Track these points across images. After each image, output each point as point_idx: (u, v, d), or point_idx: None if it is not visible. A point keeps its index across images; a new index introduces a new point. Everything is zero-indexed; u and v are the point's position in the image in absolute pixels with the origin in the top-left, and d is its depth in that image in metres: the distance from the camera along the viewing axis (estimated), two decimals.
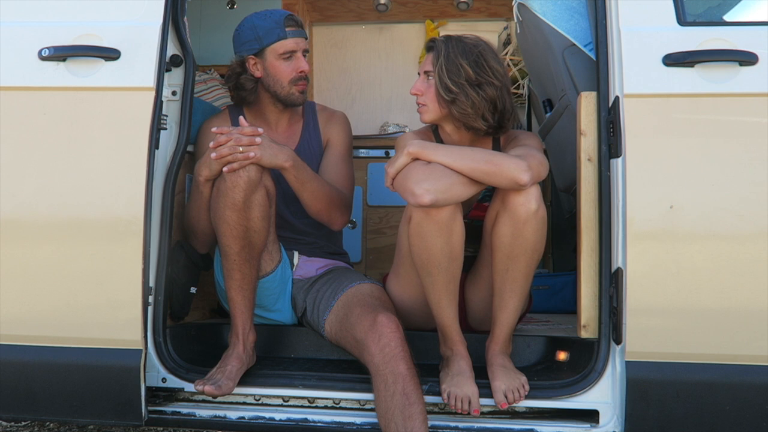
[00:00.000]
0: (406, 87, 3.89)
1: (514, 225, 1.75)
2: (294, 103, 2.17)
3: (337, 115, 2.32)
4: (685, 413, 1.70)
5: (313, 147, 2.25)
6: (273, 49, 2.11)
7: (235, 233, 1.85)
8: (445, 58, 1.89)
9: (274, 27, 2.10)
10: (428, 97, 1.93)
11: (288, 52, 2.11)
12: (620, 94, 1.75)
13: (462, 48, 1.90)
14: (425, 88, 1.94)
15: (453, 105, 1.89)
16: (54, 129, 1.86)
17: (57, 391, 1.84)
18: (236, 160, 1.84)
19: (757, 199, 1.68)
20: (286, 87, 2.14)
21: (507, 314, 1.85)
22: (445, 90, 1.88)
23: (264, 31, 2.10)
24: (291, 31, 2.11)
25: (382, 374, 1.73)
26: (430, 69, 1.92)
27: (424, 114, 1.96)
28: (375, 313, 1.83)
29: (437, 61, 1.90)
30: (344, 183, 2.23)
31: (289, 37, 2.10)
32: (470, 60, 1.88)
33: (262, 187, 1.88)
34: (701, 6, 1.95)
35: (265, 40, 2.10)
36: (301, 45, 2.13)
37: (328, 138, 2.28)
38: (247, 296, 1.93)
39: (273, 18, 2.11)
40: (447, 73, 1.88)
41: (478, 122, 1.90)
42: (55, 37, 1.89)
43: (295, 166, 1.97)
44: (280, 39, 2.10)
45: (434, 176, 1.71)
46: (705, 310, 1.69)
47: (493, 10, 3.78)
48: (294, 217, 2.20)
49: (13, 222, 1.85)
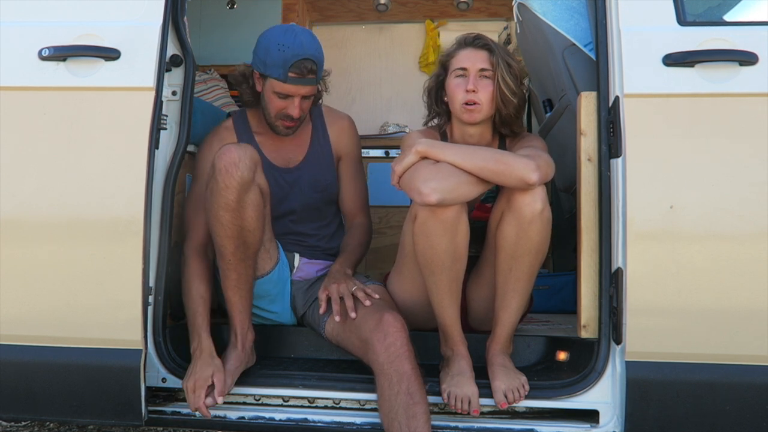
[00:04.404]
0: (406, 87, 3.93)
1: (519, 225, 1.75)
2: (278, 133, 2.13)
3: (345, 122, 2.28)
4: (685, 413, 1.70)
5: (324, 153, 2.22)
6: (272, 83, 2.03)
7: (229, 233, 1.84)
8: (503, 59, 1.90)
9: (279, 65, 1.99)
10: (485, 95, 1.91)
11: (284, 94, 2.04)
12: (620, 94, 1.75)
13: (505, 49, 1.94)
14: (481, 86, 1.92)
15: (512, 106, 1.90)
16: (54, 129, 1.86)
17: (57, 391, 1.84)
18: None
19: (757, 199, 1.68)
20: (272, 118, 2.10)
21: (509, 314, 1.85)
22: (510, 91, 1.89)
23: (272, 61, 2.00)
24: (293, 78, 2.00)
25: (386, 373, 1.73)
26: (487, 67, 1.91)
27: (477, 113, 1.93)
28: (381, 312, 1.83)
29: (498, 61, 1.89)
30: (363, 190, 2.29)
31: (289, 83, 2.00)
32: (515, 62, 1.92)
33: (256, 186, 1.86)
34: (701, 6, 1.95)
35: (268, 70, 2.02)
36: (301, 91, 2.03)
37: (340, 149, 2.24)
38: (244, 296, 1.92)
39: (284, 55, 1.98)
40: (510, 75, 1.89)
41: (519, 123, 1.93)
42: (55, 37, 1.89)
43: (349, 267, 2.08)
44: (279, 80, 2.01)
45: (441, 175, 1.71)
46: (705, 310, 1.69)
47: (493, 10, 3.79)
48: (296, 224, 2.19)
49: (13, 222, 1.85)
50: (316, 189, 2.18)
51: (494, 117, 1.97)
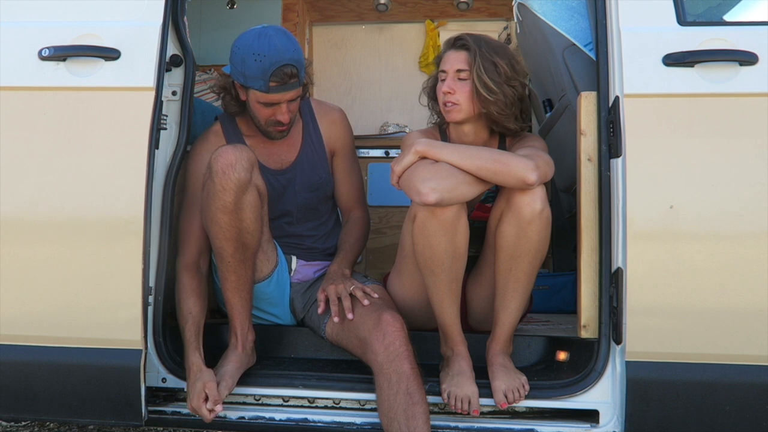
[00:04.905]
0: (406, 87, 3.93)
1: (519, 225, 1.75)
2: (272, 138, 2.08)
3: (336, 114, 2.22)
4: (685, 413, 1.70)
5: (317, 150, 2.18)
6: (254, 94, 1.95)
7: (227, 235, 1.82)
8: (482, 57, 1.88)
9: (258, 76, 1.89)
10: (462, 96, 1.91)
11: (269, 103, 1.96)
12: (620, 94, 1.75)
13: (493, 47, 1.91)
14: (458, 87, 1.92)
15: (493, 105, 1.89)
16: (54, 129, 1.86)
17: (57, 391, 1.84)
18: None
19: (757, 199, 1.68)
20: (263, 126, 2.04)
21: (508, 314, 1.85)
22: (486, 90, 1.88)
23: (250, 72, 1.90)
24: (275, 87, 1.91)
25: (385, 373, 1.73)
26: (463, 67, 1.91)
27: (456, 113, 1.94)
28: (379, 311, 1.82)
29: (474, 60, 1.89)
30: (359, 183, 2.26)
31: (271, 92, 1.92)
32: (504, 59, 1.89)
33: (253, 187, 1.84)
34: (701, 6, 1.95)
35: (249, 82, 1.92)
36: (285, 98, 1.95)
37: (333, 143, 2.20)
38: (243, 297, 1.92)
39: (262, 65, 1.87)
40: (486, 72, 1.87)
41: (512, 121, 1.92)
42: (55, 37, 1.89)
43: (347, 267, 2.08)
44: (261, 91, 1.92)
45: (440, 175, 1.71)
46: (705, 310, 1.69)
47: (493, 10, 3.79)
48: (292, 226, 2.16)
49: (13, 222, 1.84)
50: (310, 188, 2.15)
51: (488, 116, 1.96)
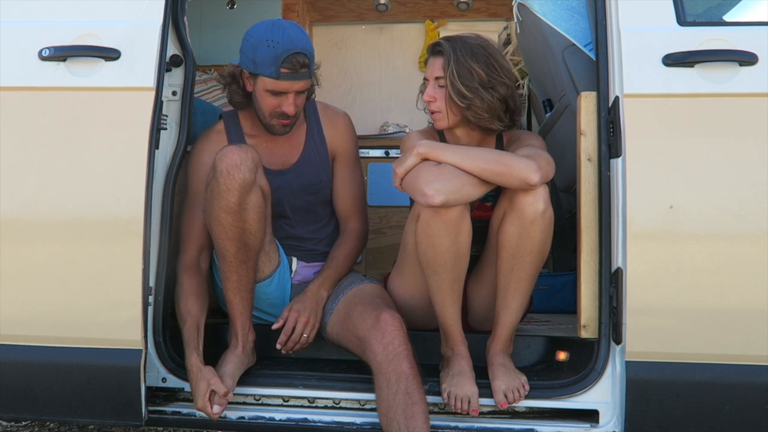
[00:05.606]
0: (406, 87, 3.93)
1: (521, 225, 1.75)
2: (274, 133, 2.07)
3: (341, 118, 2.22)
4: (685, 413, 1.70)
5: (319, 153, 2.16)
6: (263, 81, 1.96)
7: (230, 236, 1.82)
8: (455, 62, 1.87)
9: (270, 62, 1.91)
10: (441, 103, 1.92)
11: (277, 91, 1.97)
12: (620, 94, 1.75)
13: (470, 50, 1.89)
14: (438, 94, 1.92)
15: (468, 110, 1.88)
16: (54, 129, 1.86)
17: (57, 391, 1.84)
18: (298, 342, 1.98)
19: (757, 199, 1.68)
20: (267, 117, 2.03)
21: (509, 314, 1.85)
22: (459, 96, 1.87)
23: (262, 59, 1.93)
24: (286, 74, 1.92)
25: (384, 373, 1.73)
26: (440, 75, 1.90)
27: (440, 121, 1.94)
28: (378, 310, 1.82)
29: (448, 67, 1.88)
30: (359, 192, 2.22)
31: (281, 79, 1.93)
32: (481, 62, 1.88)
33: (257, 187, 1.84)
34: (701, 6, 1.95)
35: (259, 69, 1.94)
36: (294, 87, 1.96)
37: (336, 147, 2.18)
38: (245, 297, 1.91)
39: (275, 51, 1.91)
40: (459, 79, 1.86)
41: (494, 123, 1.91)
42: (55, 37, 1.89)
43: (328, 288, 2.06)
44: (271, 77, 1.94)
45: (444, 177, 1.71)
46: (705, 310, 1.69)
47: (493, 10, 3.79)
48: (294, 228, 2.15)
49: (13, 222, 1.84)
50: (308, 191, 2.13)
51: (467, 120, 1.94)
